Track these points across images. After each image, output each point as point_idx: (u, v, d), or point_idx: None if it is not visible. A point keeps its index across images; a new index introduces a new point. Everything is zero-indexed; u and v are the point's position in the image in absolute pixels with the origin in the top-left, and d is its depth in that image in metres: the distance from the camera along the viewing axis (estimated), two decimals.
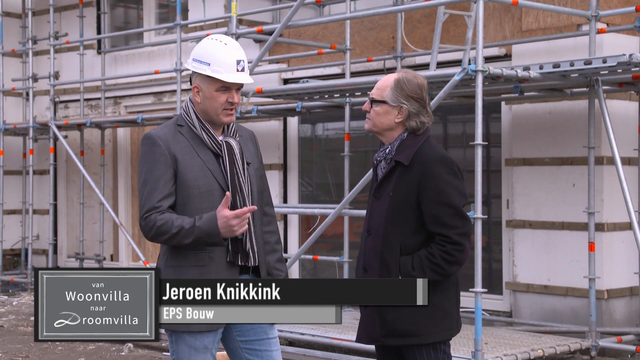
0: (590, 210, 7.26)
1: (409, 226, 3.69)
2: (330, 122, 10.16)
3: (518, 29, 8.25)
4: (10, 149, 12.77)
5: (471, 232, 3.71)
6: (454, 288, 3.77)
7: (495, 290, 8.45)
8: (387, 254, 3.70)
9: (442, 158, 3.70)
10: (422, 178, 3.67)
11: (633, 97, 7.92)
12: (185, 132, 3.76)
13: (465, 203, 3.71)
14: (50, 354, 7.81)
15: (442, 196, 3.64)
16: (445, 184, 3.66)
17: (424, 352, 3.68)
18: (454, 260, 3.63)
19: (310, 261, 9.87)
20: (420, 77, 3.81)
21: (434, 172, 3.67)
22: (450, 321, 3.73)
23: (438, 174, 3.67)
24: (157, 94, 11.62)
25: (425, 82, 3.81)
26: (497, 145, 8.53)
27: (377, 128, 3.82)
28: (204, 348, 3.70)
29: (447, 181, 3.66)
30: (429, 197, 3.65)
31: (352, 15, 7.94)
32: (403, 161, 3.71)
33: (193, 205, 3.68)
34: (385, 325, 3.69)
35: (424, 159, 3.70)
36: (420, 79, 3.79)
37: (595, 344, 7.13)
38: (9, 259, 13.05)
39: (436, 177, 3.66)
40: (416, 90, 3.75)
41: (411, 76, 3.78)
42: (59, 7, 12.33)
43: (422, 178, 3.67)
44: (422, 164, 3.69)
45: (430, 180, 3.66)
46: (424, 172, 3.67)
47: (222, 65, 3.69)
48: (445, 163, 3.70)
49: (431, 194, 3.65)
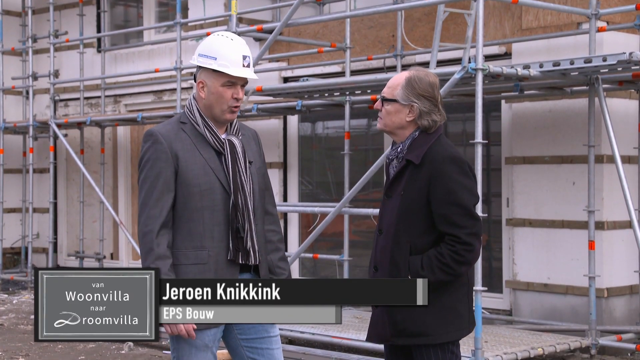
0: (590, 209, 7.26)
1: (419, 225, 3.66)
2: (330, 120, 10.16)
3: (518, 27, 8.25)
4: (10, 148, 12.77)
5: (481, 232, 3.66)
6: (465, 288, 3.73)
7: (496, 288, 8.46)
8: (396, 253, 3.67)
9: (452, 157, 3.67)
10: (432, 177, 3.64)
11: (633, 96, 7.92)
12: (188, 130, 3.75)
13: (475, 203, 3.67)
14: (50, 353, 7.81)
15: (452, 196, 3.61)
16: (455, 184, 3.63)
17: (431, 352, 3.66)
18: (463, 260, 3.60)
19: (310, 259, 9.88)
20: (432, 75, 3.78)
21: (444, 172, 3.64)
22: (461, 321, 3.70)
23: (448, 173, 3.64)
24: (157, 92, 11.62)
25: (437, 80, 3.77)
26: (497, 143, 8.53)
27: (388, 127, 3.80)
28: (205, 346, 3.70)
29: (457, 180, 3.63)
30: (439, 197, 3.62)
31: (352, 13, 7.93)
32: (414, 160, 3.69)
33: (193, 203, 3.68)
34: (395, 325, 3.67)
35: (434, 158, 3.67)
36: (432, 77, 3.76)
37: (595, 342, 7.13)
38: (9, 257, 13.06)
39: (446, 177, 3.63)
40: (427, 89, 3.72)
41: (423, 74, 3.75)
42: (58, 6, 12.33)
43: (432, 177, 3.64)
44: (432, 163, 3.66)
45: (440, 179, 3.63)
46: (434, 171, 3.65)
47: (228, 60, 3.69)
48: (455, 162, 3.67)
49: (441, 194, 3.62)
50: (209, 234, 3.69)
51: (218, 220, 3.70)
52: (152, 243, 3.62)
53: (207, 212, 3.69)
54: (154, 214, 3.66)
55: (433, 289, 3.59)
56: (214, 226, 3.69)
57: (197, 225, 3.68)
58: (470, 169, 3.72)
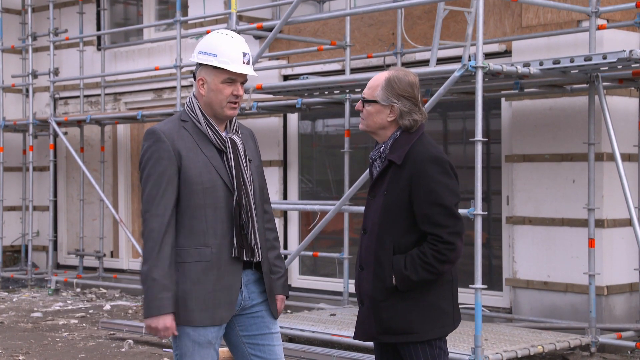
0: (590, 207, 7.26)
1: (402, 225, 3.69)
2: (330, 118, 10.16)
3: (518, 25, 8.25)
4: (10, 146, 12.77)
5: (463, 230, 3.68)
6: (449, 285, 3.76)
7: (495, 286, 8.46)
8: (380, 253, 3.71)
9: (433, 157, 3.69)
10: (413, 177, 3.67)
11: (633, 94, 7.92)
12: (190, 128, 3.76)
13: (457, 202, 3.69)
14: (50, 350, 7.81)
15: (433, 195, 3.64)
16: (436, 184, 3.65)
17: (419, 349, 3.70)
18: (445, 259, 3.63)
19: (310, 257, 9.88)
20: (412, 74, 3.80)
21: (425, 172, 3.66)
22: (445, 318, 3.73)
23: (429, 174, 3.66)
24: (157, 90, 11.62)
25: (417, 80, 3.79)
26: (497, 141, 8.53)
27: (370, 128, 3.82)
28: (208, 343, 3.71)
29: (438, 180, 3.65)
30: (420, 197, 3.65)
31: (352, 11, 7.93)
32: (396, 160, 3.72)
33: (197, 201, 3.69)
34: (381, 323, 3.72)
35: (416, 158, 3.69)
36: (411, 76, 3.77)
37: (595, 340, 7.13)
38: (9, 255, 13.06)
39: (427, 177, 3.65)
40: (407, 89, 3.74)
41: (402, 74, 3.77)
42: (58, 4, 12.34)
43: (414, 177, 3.67)
44: (413, 163, 3.68)
45: (421, 179, 3.66)
46: (415, 172, 3.67)
47: (229, 57, 3.71)
48: (436, 162, 3.68)
49: (422, 194, 3.65)
50: (212, 231, 3.69)
51: (221, 218, 3.71)
52: (155, 242, 3.62)
53: (209, 209, 3.69)
54: (157, 212, 3.65)
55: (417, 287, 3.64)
56: (217, 224, 3.70)
57: (200, 223, 3.69)
58: (452, 168, 3.73)
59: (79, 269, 12.18)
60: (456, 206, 3.69)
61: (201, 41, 3.79)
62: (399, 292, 3.68)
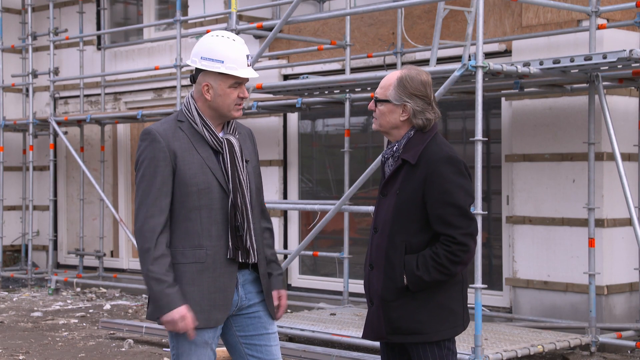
0: (590, 206, 7.25)
1: (414, 225, 3.67)
2: (330, 118, 10.16)
3: (518, 24, 8.24)
4: (10, 145, 12.77)
5: (476, 232, 3.66)
6: (459, 286, 3.74)
7: (495, 286, 8.46)
8: (392, 252, 3.68)
9: (448, 157, 3.67)
10: (428, 177, 3.64)
11: (633, 93, 7.92)
12: (186, 128, 3.75)
13: (471, 203, 3.67)
14: (50, 350, 7.81)
15: (447, 196, 3.61)
16: (450, 184, 3.63)
17: (427, 349, 3.68)
18: (458, 260, 3.61)
19: (310, 257, 9.88)
20: (425, 73, 3.77)
21: (439, 172, 3.64)
22: (455, 319, 3.71)
23: (444, 174, 3.63)
24: (157, 90, 11.62)
25: (430, 78, 3.77)
26: (497, 141, 8.53)
27: (383, 127, 3.80)
28: (204, 343, 3.71)
29: (453, 181, 3.63)
30: (434, 197, 3.62)
31: (352, 11, 7.93)
32: (410, 160, 3.69)
33: (191, 202, 3.68)
34: (390, 323, 3.69)
35: (430, 158, 3.67)
36: (424, 75, 3.75)
37: (595, 339, 7.13)
38: (9, 255, 13.06)
39: (441, 177, 3.63)
40: (419, 88, 3.72)
41: (414, 73, 3.74)
42: (58, 3, 12.33)
43: (428, 177, 3.64)
44: (428, 163, 3.66)
45: (435, 179, 3.63)
46: (429, 171, 3.64)
47: (235, 62, 3.70)
48: (451, 162, 3.66)
49: (436, 194, 3.62)
50: (207, 232, 3.68)
51: (216, 219, 3.70)
52: (150, 242, 3.62)
53: (204, 211, 3.68)
54: (152, 212, 3.64)
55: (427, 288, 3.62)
56: (212, 225, 3.69)
57: (195, 224, 3.68)
58: (466, 168, 3.71)
59: (79, 269, 12.18)
60: (470, 207, 3.66)
61: (200, 45, 3.74)
62: (409, 292, 3.65)
